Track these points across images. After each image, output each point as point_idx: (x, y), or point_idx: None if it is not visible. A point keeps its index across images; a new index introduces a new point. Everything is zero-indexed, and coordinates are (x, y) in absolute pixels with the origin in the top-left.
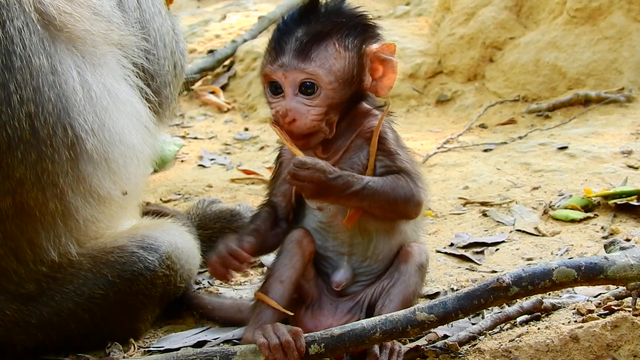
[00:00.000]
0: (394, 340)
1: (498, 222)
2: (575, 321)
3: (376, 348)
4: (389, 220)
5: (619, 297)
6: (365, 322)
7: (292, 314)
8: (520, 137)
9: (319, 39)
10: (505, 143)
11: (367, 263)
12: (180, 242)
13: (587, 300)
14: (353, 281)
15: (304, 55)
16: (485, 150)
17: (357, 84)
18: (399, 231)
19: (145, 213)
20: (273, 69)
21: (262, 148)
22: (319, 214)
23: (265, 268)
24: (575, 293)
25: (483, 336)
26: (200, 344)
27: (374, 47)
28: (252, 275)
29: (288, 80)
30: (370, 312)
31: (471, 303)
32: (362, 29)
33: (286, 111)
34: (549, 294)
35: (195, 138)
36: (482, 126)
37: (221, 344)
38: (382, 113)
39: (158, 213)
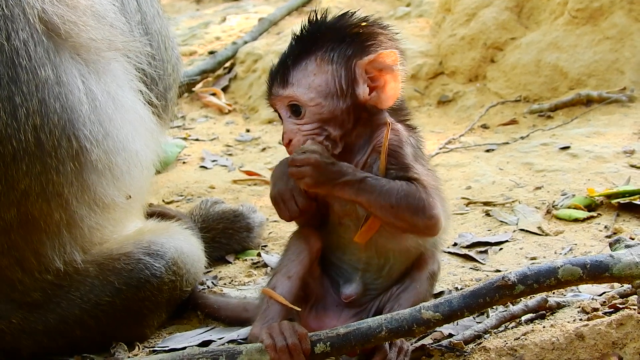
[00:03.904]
0: (403, 340)
1: (501, 221)
2: (581, 319)
3: (386, 344)
4: (403, 233)
5: (624, 295)
6: (371, 321)
7: (299, 309)
8: (522, 137)
9: (300, 59)
10: (507, 143)
11: (381, 281)
12: (185, 246)
13: (592, 299)
14: (363, 295)
15: (284, 81)
16: (488, 151)
17: (351, 96)
18: (417, 253)
19: (150, 215)
20: (268, 99)
21: (263, 149)
22: (340, 228)
23: (269, 268)
24: (580, 292)
25: (488, 335)
26: (205, 343)
27: (369, 57)
28: (255, 275)
29: (278, 106)
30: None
31: (477, 301)
32: (350, 40)
33: (283, 134)
34: (554, 293)
35: (197, 140)
36: (484, 126)
37: (226, 344)
38: (387, 127)
39: (162, 215)
